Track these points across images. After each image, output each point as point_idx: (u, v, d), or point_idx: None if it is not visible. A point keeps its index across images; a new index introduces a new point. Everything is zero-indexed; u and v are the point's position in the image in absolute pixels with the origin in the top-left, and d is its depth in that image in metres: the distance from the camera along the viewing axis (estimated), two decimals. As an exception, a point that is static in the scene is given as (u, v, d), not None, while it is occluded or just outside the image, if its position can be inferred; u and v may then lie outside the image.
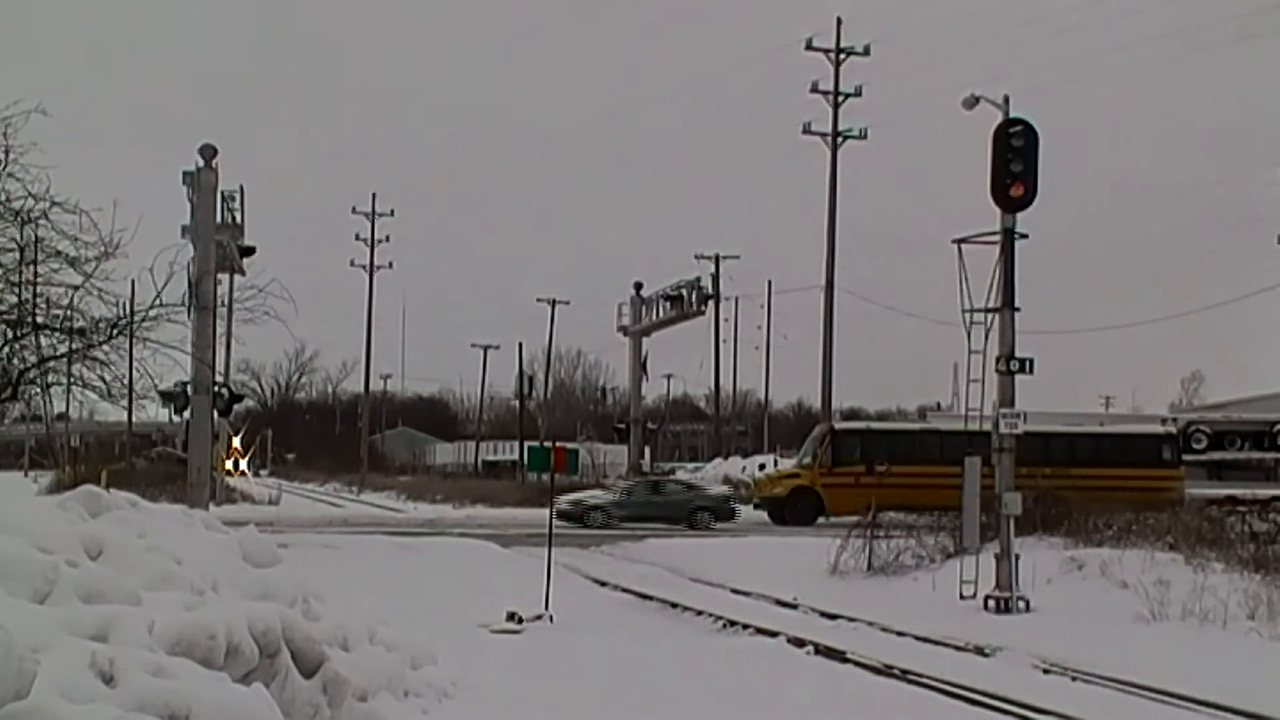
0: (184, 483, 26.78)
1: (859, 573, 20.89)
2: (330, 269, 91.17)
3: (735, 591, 20.03)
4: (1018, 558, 17.09)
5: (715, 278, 59.02)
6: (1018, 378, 17.70)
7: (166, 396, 25.58)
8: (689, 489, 40.11)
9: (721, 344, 63.00)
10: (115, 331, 20.82)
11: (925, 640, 14.89)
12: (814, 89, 48.52)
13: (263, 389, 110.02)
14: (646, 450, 57.76)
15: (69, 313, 20.46)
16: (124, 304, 21.10)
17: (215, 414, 26.50)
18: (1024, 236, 17.70)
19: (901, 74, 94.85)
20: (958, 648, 14.39)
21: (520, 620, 15.68)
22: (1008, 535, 17.15)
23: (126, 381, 23.53)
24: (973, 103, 18.12)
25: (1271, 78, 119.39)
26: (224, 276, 29.77)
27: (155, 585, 7.93)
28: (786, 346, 67.73)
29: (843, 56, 48.09)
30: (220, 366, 33.03)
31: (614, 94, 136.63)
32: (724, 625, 16.58)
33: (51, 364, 21.44)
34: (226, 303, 31.32)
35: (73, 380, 23.05)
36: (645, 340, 51.61)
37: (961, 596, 17.25)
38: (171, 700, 6.15)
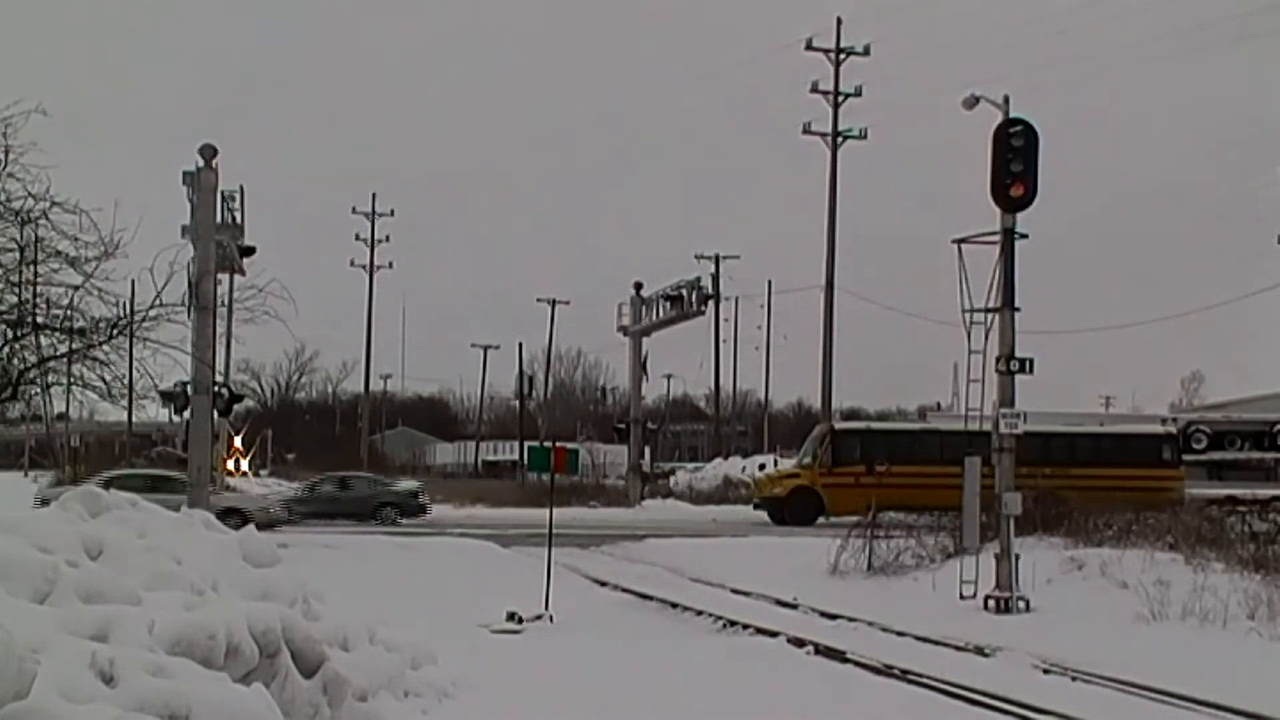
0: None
1: (859, 573, 20.89)
2: (330, 269, 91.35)
3: (735, 591, 20.03)
4: (1018, 558, 17.09)
5: (715, 278, 59.13)
6: (1018, 378, 17.70)
7: (166, 396, 25.58)
8: (375, 484, 40.59)
9: (721, 344, 63.18)
10: (115, 331, 20.84)
11: (925, 640, 14.88)
12: (814, 89, 48.54)
13: (263, 389, 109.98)
14: (646, 450, 57.70)
15: (69, 313, 20.50)
16: (124, 304, 21.14)
17: (215, 414, 26.48)
18: (1024, 236, 17.71)
19: (901, 74, 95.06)
20: (958, 648, 14.38)
21: (520, 620, 15.68)
22: (1008, 535, 17.15)
23: (126, 381, 23.58)
24: (973, 103, 18.12)
25: (1271, 78, 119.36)
26: (224, 276, 29.78)
27: (155, 585, 7.93)
28: (786, 346, 67.87)
29: (843, 56, 48.11)
30: (220, 366, 33.06)
31: (614, 94, 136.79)
32: (724, 625, 16.58)
33: (51, 364, 21.46)
34: (226, 303, 31.37)
35: (73, 380, 23.07)
36: (645, 340, 51.54)
37: (961, 596, 17.24)
38: (171, 700, 6.16)
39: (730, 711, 10.77)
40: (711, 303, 54.05)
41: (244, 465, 66.38)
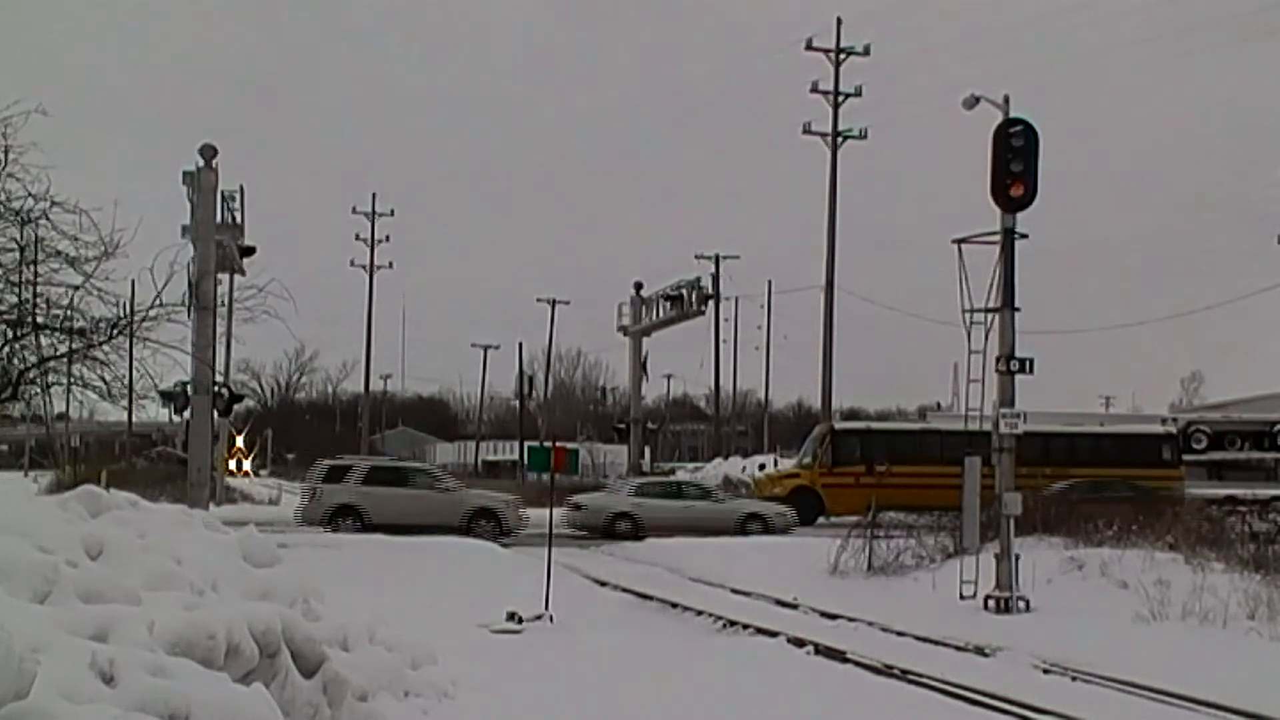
0: (184, 483, 26.78)
1: (859, 573, 20.89)
2: (330, 269, 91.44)
3: (735, 591, 20.03)
4: (1018, 558, 17.09)
5: (715, 278, 59.06)
6: (1018, 378, 17.70)
7: (166, 396, 25.58)
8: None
9: (721, 344, 63.03)
10: (115, 331, 20.80)
11: (925, 640, 14.89)
12: (814, 89, 48.51)
13: (263, 389, 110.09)
14: (646, 450, 57.74)
15: (69, 313, 20.44)
16: (124, 304, 21.06)
17: (215, 414, 26.50)
18: (1024, 236, 17.71)
19: (901, 74, 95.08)
20: (958, 648, 14.39)
21: (520, 620, 15.68)
22: (1008, 535, 17.15)
23: (126, 381, 23.52)
24: (973, 103, 18.12)
25: (1271, 78, 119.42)
26: (224, 276, 29.81)
27: (155, 585, 7.93)
28: (786, 346, 67.91)
29: (843, 56, 48.08)
30: (220, 366, 33.09)
31: (614, 94, 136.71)
32: (724, 625, 16.59)
33: (51, 364, 21.41)
34: (226, 303, 31.35)
35: (73, 380, 23.02)
36: (645, 340, 51.55)
37: (961, 596, 17.24)
38: (171, 700, 6.15)
39: (730, 711, 10.77)
40: (711, 303, 54.07)
41: (246, 465, 66.41)
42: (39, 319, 20.34)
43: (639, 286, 50.63)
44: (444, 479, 33.13)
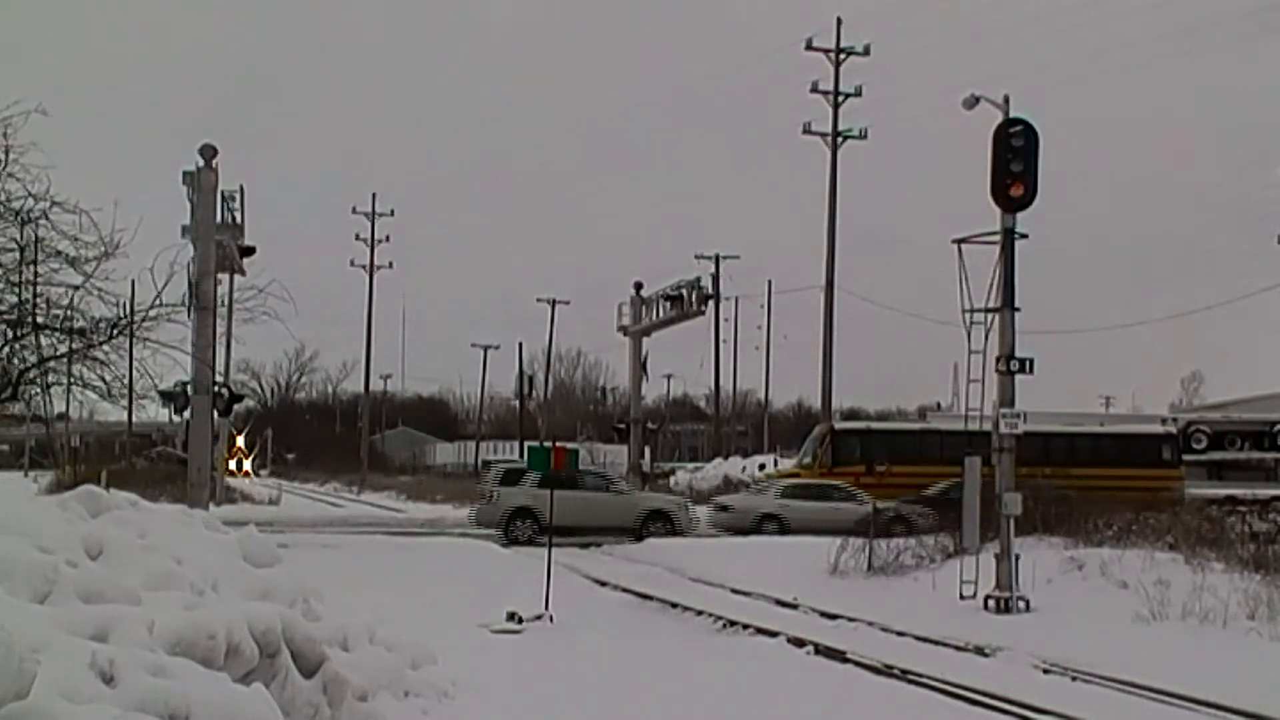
0: (184, 483, 26.76)
1: (859, 573, 20.89)
2: (330, 269, 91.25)
3: (735, 591, 20.03)
4: (1018, 558, 17.09)
5: (715, 278, 59.03)
6: (1018, 378, 17.70)
7: (166, 396, 25.57)
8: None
9: (721, 344, 63.04)
10: (115, 331, 20.81)
11: (925, 640, 14.89)
12: (814, 89, 48.47)
13: (263, 389, 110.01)
14: (646, 450, 57.64)
15: (69, 313, 20.45)
16: (124, 304, 21.07)
17: (215, 414, 26.48)
18: (1024, 236, 17.71)
19: (901, 74, 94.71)
20: (958, 648, 14.39)
21: (520, 620, 15.68)
22: (1008, 535, 17.14)
23: (126, 381, 23.55)
24: (973, 103, 18.12)
25: (1271, 78, 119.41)
26: (224, 276, 29.78)
27: (155, 585, 7.93)
28: (786, 346, 67.78)
29: (843, 56, 48.05)
30: (220, 366, 33.06)
31: (614, 94, 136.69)
32: (724, 625, 16.59)
33: (51, 364, 21.42)
34: (226, 303, 31.35)
35: (73, 380, 23.04)
36: (645, 340, 51.44)
37: (961, 596, 17.24)
38: (171, 700, 6.15)
39: (730, 711, 10.77)
40: (711, 303, 53.90)
41: (246, 465, 66.40)
42: (39, 319, 20.35)
43: (639, 286, 50.53)
44: (617, 482, 33.60)
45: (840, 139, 48.47)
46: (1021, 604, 16.86)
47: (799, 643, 14.47)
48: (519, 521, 30.19)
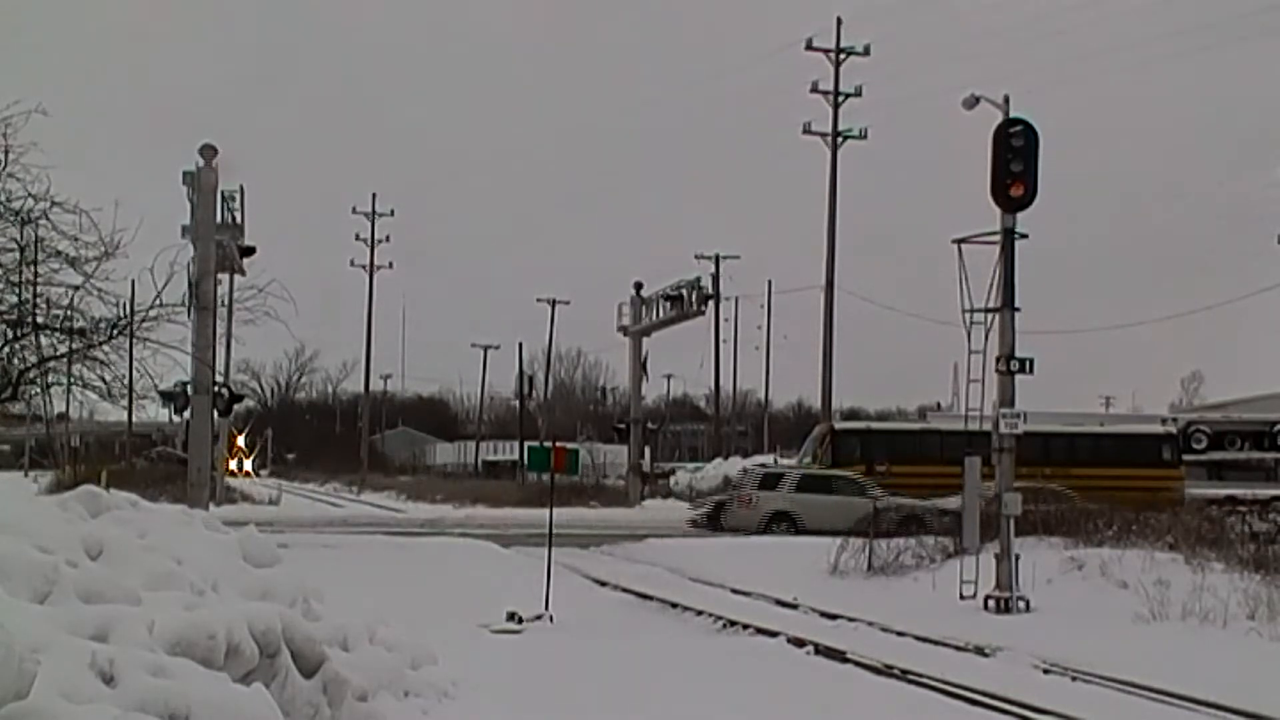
0: (184, 483, 26.78)
1: (859, 573, 20.89)
2: (330, 269, 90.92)
3: (735, 591, 20.02)
4: (1018, 558, 17.09)
5: (715, 278, 59.03)
6: (1018, 378, 17.70)
7: (166, 396, 25.59)
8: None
9: (721, 344, 62.99)
10: (115, 331, 20.82)
11: (925, 640, 14.88)
12: (814, 89, 48.46)
13: (263, 389, 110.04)
14: (646, 450, 57.65)
15: (69, 313, 20.47)
16: (124, 304, 21.10)
17: (215, 414, 26.49)
18: (1024, 236, 17.71)
19: (901, 74, 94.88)
20: (958, 648, 14.39)
21: (520, 620, 15.68)
22: (1008, 535, 17.15)
23: (126, 381, 23.55)
24: (973, 103, 18.12)
25: (1271, 78, 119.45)
26: (224, 276, 29.78)
27: (155, 585, 7.93)
28: (786, 346, 67.75)
29: (843, 56, 48.04)
30: (220, 366, 33.08)
31: (614, 94, 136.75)
32: (724, 625, 16.58)
33: (51, 364, 21.43)
34: (226, 303, 31.35)
35: (73, 380, 23.06)
36: (645, 340, 51.51)
37: (961, 596, 17.24)
38: (171, 700, 6.15)
39: (730, 711, 10.76)
40: (711, 303, 54.01)
41: (246, 465, 66.43)
42: (39, 319, 20.36)
43: (639, 286, 50.59)
44: (869, 487, 33.66)
45: (840, 139, 48.46)
46: (1021, 604, 16.86)
47: (799, 642, 14.47)
48: (776, 525, 31.42)
